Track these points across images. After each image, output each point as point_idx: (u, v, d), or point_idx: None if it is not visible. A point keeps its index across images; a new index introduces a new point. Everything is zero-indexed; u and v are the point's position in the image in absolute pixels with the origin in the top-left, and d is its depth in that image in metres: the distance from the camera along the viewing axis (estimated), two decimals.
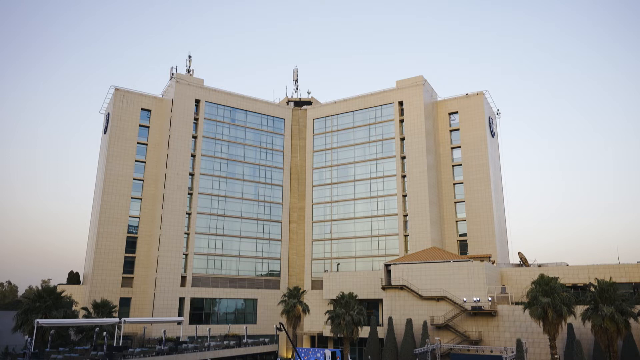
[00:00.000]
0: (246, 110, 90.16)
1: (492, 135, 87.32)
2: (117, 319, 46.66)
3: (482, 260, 63.31)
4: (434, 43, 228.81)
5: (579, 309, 44.80)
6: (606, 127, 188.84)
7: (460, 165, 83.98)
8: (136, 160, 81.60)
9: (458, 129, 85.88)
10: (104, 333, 46.40)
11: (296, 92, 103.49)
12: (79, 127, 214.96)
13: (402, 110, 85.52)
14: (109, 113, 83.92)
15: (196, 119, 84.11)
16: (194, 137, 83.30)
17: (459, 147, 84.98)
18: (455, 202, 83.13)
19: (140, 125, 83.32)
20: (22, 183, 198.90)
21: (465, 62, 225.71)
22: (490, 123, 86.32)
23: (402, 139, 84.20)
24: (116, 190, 78.30)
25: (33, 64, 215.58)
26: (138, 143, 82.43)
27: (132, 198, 79.82)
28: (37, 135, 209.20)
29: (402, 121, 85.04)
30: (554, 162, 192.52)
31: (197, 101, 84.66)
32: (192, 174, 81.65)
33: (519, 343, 30.16)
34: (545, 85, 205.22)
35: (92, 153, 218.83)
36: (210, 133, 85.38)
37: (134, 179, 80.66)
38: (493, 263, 68.29)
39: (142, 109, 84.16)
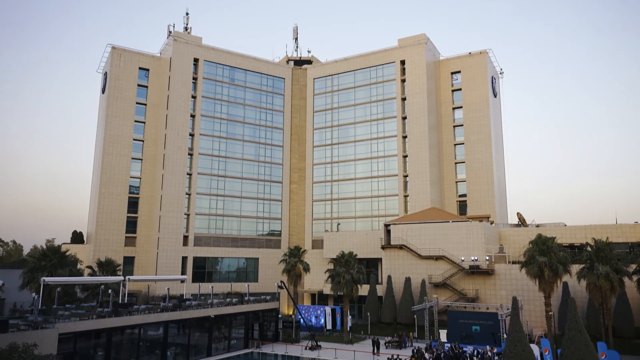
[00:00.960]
0: (245, 70, 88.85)
1: (495, 96, 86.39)
2: (121, 277, 47.59)
3: (481, 221, 63.97)
4: (437, 1, 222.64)
5: (575, 267, 45.53)
6: (608, 89, 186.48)
7: (462, 125, 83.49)
8: (135, 121, 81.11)
9: (460, 89, 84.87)
10: (109, 291, 47.28)
11: (296, 50, 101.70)
12: (78, 86, 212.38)
13: (403, 69, 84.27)
14: (106, 72, 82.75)
15: (195, 79, 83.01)
16: (193, 97, 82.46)
17: (461, 107, 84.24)
18: (456, 163, 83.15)
19: (138, 85, 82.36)
20: (23, 144, 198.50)
21: (469, 21, 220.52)
22: (492, 83, 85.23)
23: (404, 99, 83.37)
24: (116, 150, 78.23)
25: (28, 21, 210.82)
26: (137, 103, 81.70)
27: (132, 159, 79.85)
28: (36, 95, 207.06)
29: (403, 81, 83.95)
30: (554, 123, 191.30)
31: (196, 60, 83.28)
32: (192, 135, 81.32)
33: (514, 300, 30.87)
34: (548, 45, 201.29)
35: (91, 113, 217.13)
36: (209, 93, 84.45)
37: (133, 140, 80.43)
38: (492, 223, 69.02)
39: (140, 68, 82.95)
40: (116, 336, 38.66)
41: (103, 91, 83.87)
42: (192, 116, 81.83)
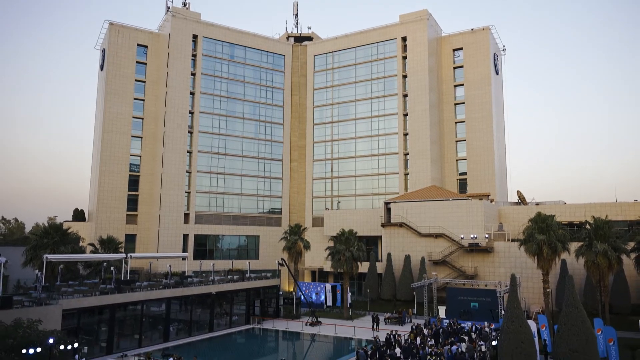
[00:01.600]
0: (245, 47, 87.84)
1: (497, 73, 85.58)
2: (123, 255, 47.92)
3: (481, 199, 64.13)
4: None
5: (574, 245, 45.79)
6: (610, 68, 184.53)
7: (463, 103, 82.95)
8: (135, 98, 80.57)
9: (462, 66, 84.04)
10: (112, 268, 47.81)
11: (296, 27, 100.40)
12: (77, 64, 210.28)
13: (405, 46, 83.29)
14: (104, 49, 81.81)
15: (194, 56, 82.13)
16: (193, 74, 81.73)
17: (462, 84, 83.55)
18: (457, 141, 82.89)
19: (137, 62, 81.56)
20: (23, 121, 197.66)
21: None
22: (495, 60, 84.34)
23: (405, 77, 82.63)
24: (116, 128, 77.92)
25: None
26: (136, 80, 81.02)
27: (132, 137, 79.59)
28: (35, 73, 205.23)
29: (404, 58, 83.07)
30: (555, 101, 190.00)
31: (195, 37, 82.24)
32: (191, 112, 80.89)
33: (512, 278, 31.13)
34: (551, 22, 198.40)
35: (92, 91, 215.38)
36: (208, 70, 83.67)
37: (133, 117, 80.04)
38: (492, 201, 69.19)
39: (138, 45, 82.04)
40: (119, 312, 39.19)
41: (102, 68, 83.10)
42: (192, 94, 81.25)
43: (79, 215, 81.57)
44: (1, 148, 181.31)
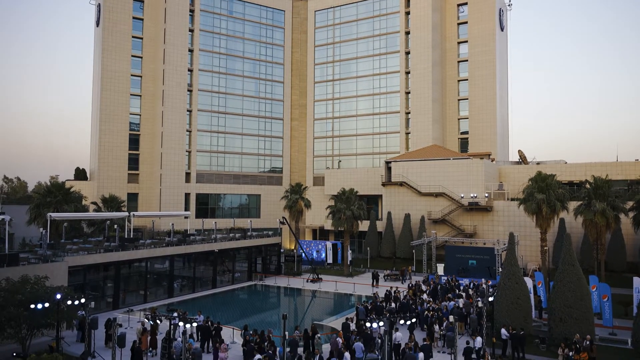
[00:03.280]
0: (244, 1, 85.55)
1: (502, 29, 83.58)
2: (126, 213, 48.35)
3: (482, 158, 64.09)
4: None
5: (573, 204, 46.05)
6: (616, 26, 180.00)
7: (466, 61, 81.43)
8: (132, 56, 79.03)
9: (466, 22, 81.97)
10: (115, 226, 48.37)
11: None
12: (73, 20, 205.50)
13: (408, 1, 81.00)
14: (99, 4, 79.62)
15: (192, 11, 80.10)
16: (191, 30, 79.97)
17: (466, 41, 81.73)
18: (459, 100, 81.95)
19: (134, 18, 79.47)
20: (22, 79, 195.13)
21: None
22: (500, 15, 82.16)
23: (407, 33, 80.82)
24: (114, 87, 76.91)
25: None
26: (133, 37, 79.19)
27: (131, 95, 78.64)
28: (33, 31, 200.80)
29: (407, 13, 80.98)
30: (559, 60, 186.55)
31: None
32: (190, 70, 79.68)
33: (511, 236, 31.55)
34: None
35: (89, 48, 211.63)
36: (207, 26, 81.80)
37: (131, 75, 78.80)
38: (492, 161, 69.17)
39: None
40: (124, 269, 39.98)
41: (97, 24, 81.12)
42: (191, 51, 79.77)
43: (80, 174, 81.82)
44: (1, 105, 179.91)
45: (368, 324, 24.61)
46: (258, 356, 22.74)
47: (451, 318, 27.79)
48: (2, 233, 37.76)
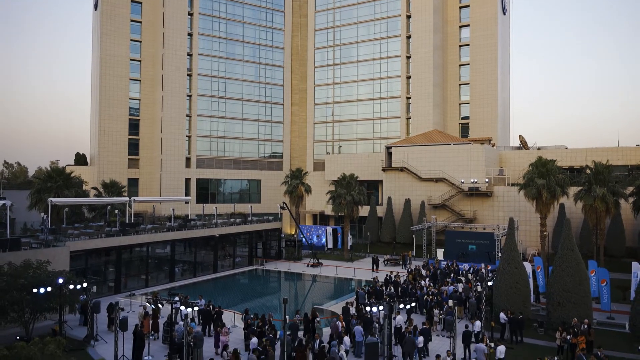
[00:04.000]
0: None
1: (504, 13, 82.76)
2: (127, 198, 48.43)
3: (482, 143, 63.94)
4: None
5: (573, 190, 46.03)
6: (618, 12, 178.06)
7: (468, 45, 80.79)
8: (131, 40, 78.45)
9: (468, 5, 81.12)
10: (116, 211, 48.44)
11: None
12: (71, 3, 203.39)
13: None
14: None
15: None
16: (190, 14, 79.22)
17: (468, 25, 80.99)
18: (460, 85, 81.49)
19: (132, 1, 78.69)
20: (22, 64, 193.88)
21: None
22: None
23: (409, 17, 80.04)
24: (113, 71, 76.45)
25: None
26: (132, 21, 78.51)
27: (130, 80, 78.23)
28: (32, 15, 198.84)
29: None
30: (560, 44, 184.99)
31: None
32: (190, 55, 79.12)
33: (510, 221, 31.63)
34: None
35: (87, 31, 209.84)
36: (206, 10, 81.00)
37: (130, 60, 78.30)
38: (493, 146, 69.02)
39: None
40: (125, 254, 40.16)
41: (95, 7, 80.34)
42: (190, 35, 79.12)
43: (80, 160, 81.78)
44: (1, 90, 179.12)
45: (368, 308, 24.80)
46: (254, 339, 22.92)
47: (450, 302, 28.02)
48: (4, 218, 37.90)
